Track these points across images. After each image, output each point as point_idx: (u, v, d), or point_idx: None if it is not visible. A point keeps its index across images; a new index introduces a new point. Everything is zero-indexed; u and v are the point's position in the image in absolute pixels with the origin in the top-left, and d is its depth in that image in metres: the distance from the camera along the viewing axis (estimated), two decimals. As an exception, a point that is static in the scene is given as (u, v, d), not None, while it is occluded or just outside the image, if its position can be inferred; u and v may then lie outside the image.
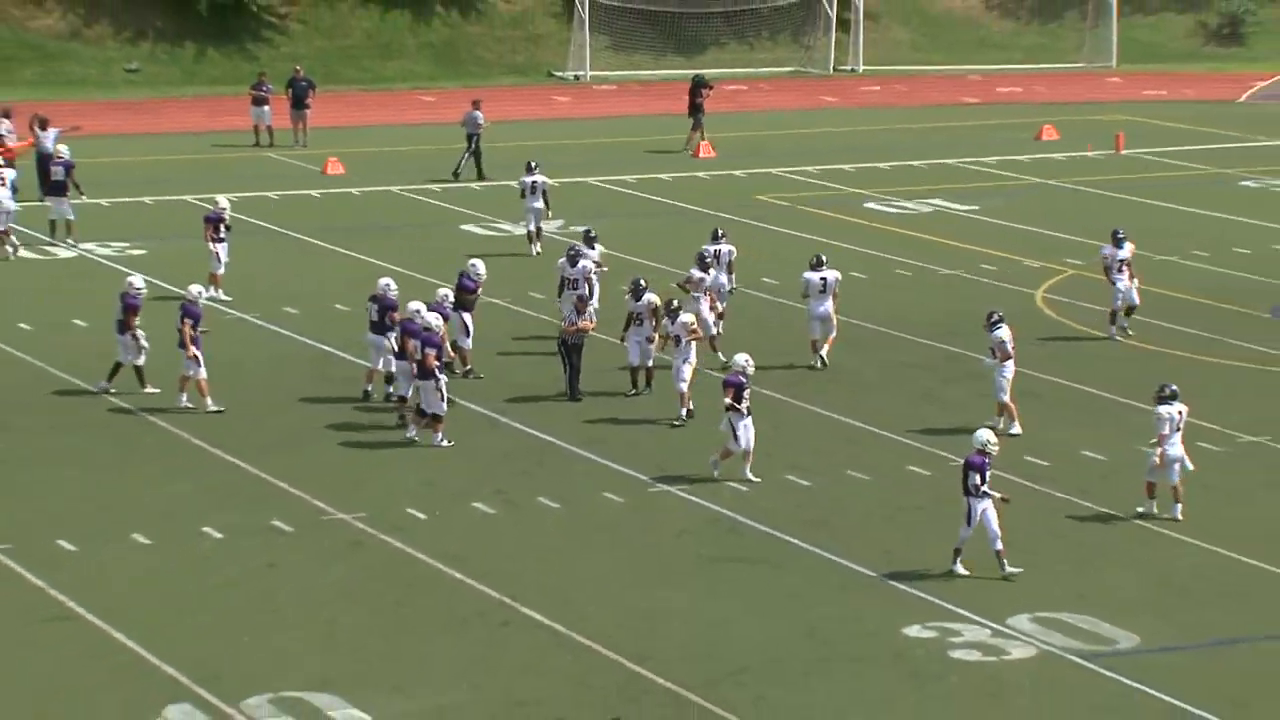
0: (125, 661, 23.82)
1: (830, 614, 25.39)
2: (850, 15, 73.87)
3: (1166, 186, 52.67)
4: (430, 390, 31.29)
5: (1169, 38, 78.24)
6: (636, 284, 34.04)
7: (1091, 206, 50.18)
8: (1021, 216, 48.54)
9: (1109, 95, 69.29)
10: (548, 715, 22.53)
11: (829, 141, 58.74)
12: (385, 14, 71.82)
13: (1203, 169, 55.66)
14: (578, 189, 51.04)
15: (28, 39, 67.71)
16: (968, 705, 22.90)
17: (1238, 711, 22.68)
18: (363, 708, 22.58)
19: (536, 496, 29.43)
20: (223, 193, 46.04)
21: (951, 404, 33.59)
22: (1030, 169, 55.20)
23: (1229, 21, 78.76)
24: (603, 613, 25.28)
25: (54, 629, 24.77)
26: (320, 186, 51.66)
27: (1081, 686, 23.46)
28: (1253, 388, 34.96)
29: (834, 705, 22.68)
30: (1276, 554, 27.20)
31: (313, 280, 41.80)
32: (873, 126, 61.73)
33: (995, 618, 25.19)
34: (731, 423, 29.56)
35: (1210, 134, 61.22)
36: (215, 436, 31.72)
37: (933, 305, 40.13)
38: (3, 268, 42.97)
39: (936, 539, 27.92)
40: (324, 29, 70.41)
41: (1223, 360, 36.62)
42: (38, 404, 33.48)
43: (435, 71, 70.25)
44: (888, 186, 52.50)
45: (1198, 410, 32.96)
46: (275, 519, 28.36)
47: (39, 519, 28.16)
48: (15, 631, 24.65)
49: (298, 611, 25.38)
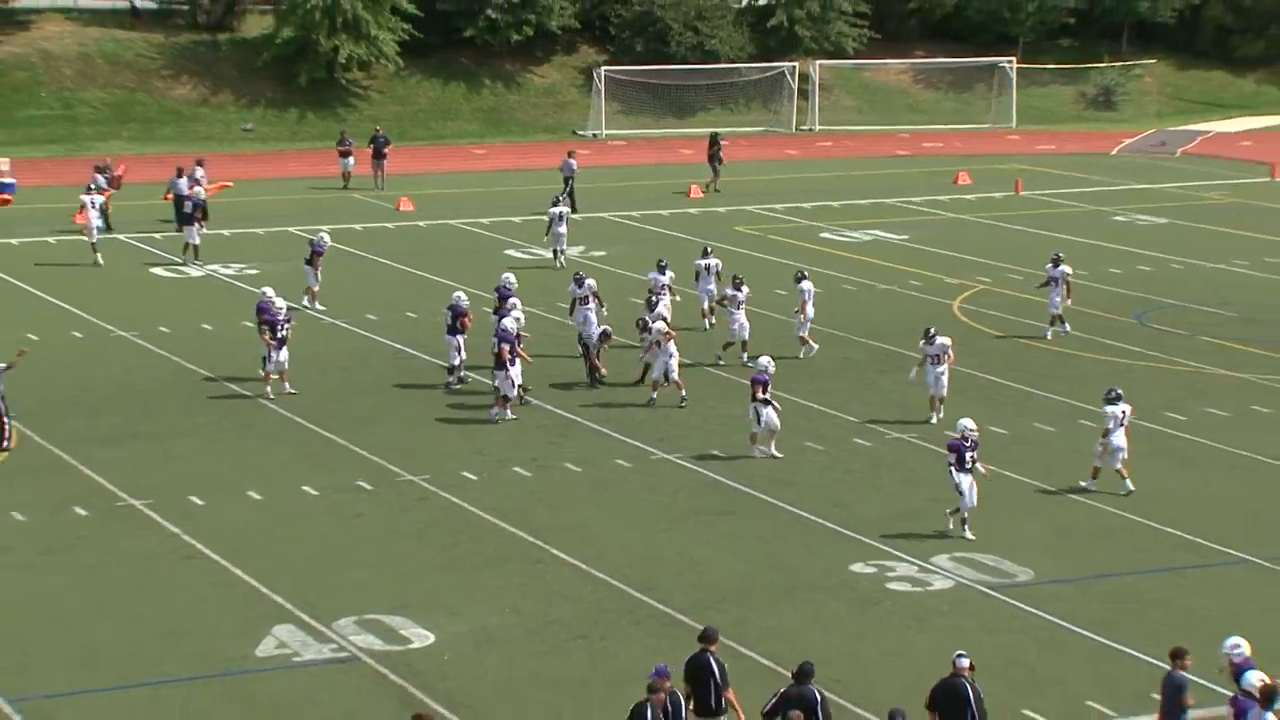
0: (242, 591, 23.85)
1: (792, 554, 25.40)
2: (808, 87, 73.86)
3: (1055, 220, 52.63)
4: (503, 378, 31.30)
5: (1057, 104, 78.13)
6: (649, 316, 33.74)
7: (996, 236, 50.16)
8: (942, 243, 48.50)
9: (1010, 149, 69.24)
10: (572, 633, 22.55)
11: (791, 185, 58.68)
12: (445, 85, 71.82)
13: (1082, 206, 55.62)
14: (595, 222, 51.00)
15: (167, 105, 67.70)
16: (900, 626, 22.92)
17: (1106, 629, 22.77)
18: (427, 627, 22.61)
19: (563, 462, 29.42)
20: (318, 225, 46.23)
21: (887, 391, 33.55)
22: (948, 206, 55.17)
23: (1103, 92, 78.65)
24: (614, 552, 25.30)
25: (186, 565, 24.81)
26: (394, 220, 51.65)
27: (988, 611, 23.48)
28: (1123, 378, 34.85)
29: (796, 625, 22.71)
30: (1141, 508, 27.20)
31: (388, 293, 41.76)
32: (826, 173, 61.68)
33: (921, 557, 25.21)
34: (757, 410, 29.36)
35: (1089, 179, 61.18)
36: (312, 415, 31.71)
37: (872, 313, 40.08)
38: (147, 283, 42.94)
39: (875, 495, 27.97)
40: (397, 97, 70.37)
41: (1099, 356, 36.58)
42: (175, 390, 33.48)
43: (484, 130, 70.20)
44: (837, 220, 52.46)
45: (1081, 396, 33.02)
46: (359, 479, 28.36)
47: (175, 480, 28.18)
48: (156, 567, 24.73)
49: (376, 551, 25.40)
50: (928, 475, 28.66)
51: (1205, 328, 39.05)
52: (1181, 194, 58.36)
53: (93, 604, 23.38)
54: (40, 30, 69.01)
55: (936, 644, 22.10)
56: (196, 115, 67.54)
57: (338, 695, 20.74)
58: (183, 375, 34.50)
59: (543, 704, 20.32)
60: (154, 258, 45.70)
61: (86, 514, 26.68)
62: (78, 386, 33.47)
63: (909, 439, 30.68)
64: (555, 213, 44.65)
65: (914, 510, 27.13)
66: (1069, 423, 31.69)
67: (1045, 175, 61.62)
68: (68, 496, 27.35)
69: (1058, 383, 34.32)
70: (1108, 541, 26.03)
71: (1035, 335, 37.93)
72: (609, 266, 43.80)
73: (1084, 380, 34.33)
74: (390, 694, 20.81)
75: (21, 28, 68.59)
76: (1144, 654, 21.89)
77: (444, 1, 69.86)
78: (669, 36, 72.03)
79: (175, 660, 21.65)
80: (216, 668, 21.43)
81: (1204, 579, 24.74)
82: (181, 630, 22.53)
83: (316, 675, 21.28)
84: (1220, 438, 30.64)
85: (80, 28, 69.76)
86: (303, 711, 20.26)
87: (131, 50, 69.19)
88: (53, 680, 21.06)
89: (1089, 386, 33.78)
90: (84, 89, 67.37)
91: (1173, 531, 26.42)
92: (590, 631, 22.60)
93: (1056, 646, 22.28)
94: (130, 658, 21.73)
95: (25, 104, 65.84)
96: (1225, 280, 44.41)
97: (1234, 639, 18.63)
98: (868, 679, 21.13)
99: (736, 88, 73.50)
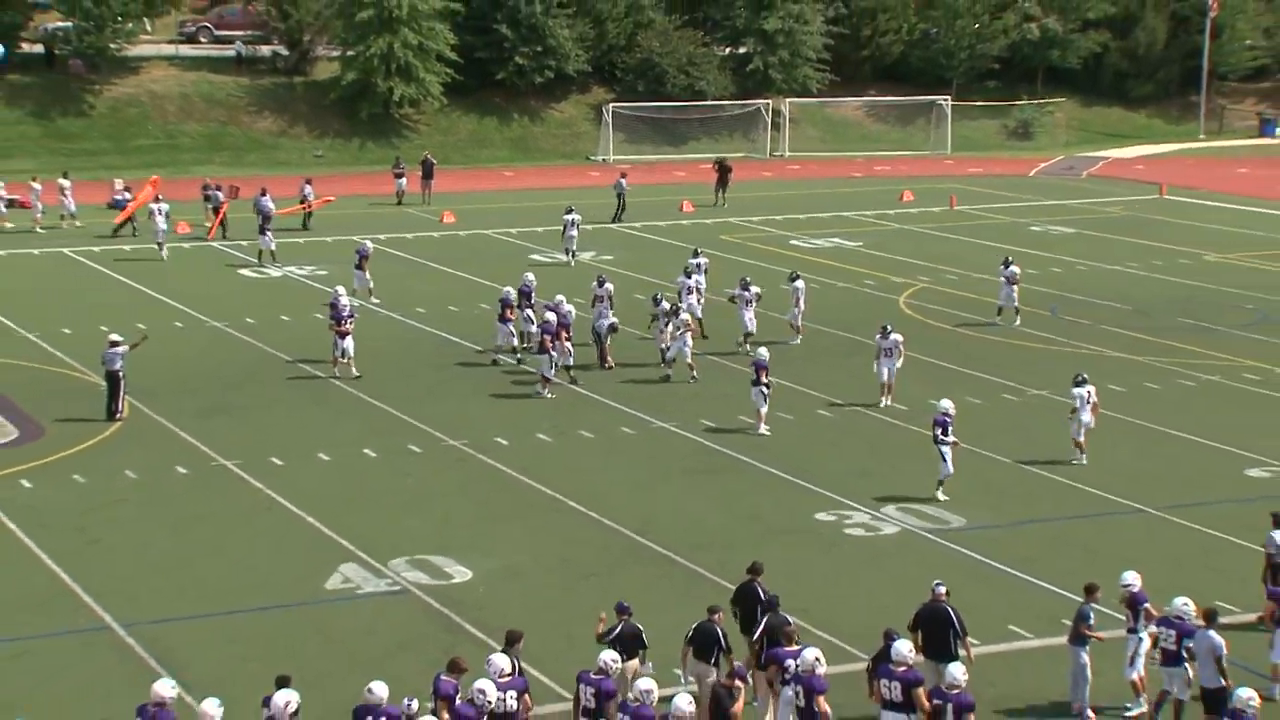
0: (313, 536, 23.82)
1: (766, 505, 25.35)
2: (780, 120, 73.68)
3: (982, 230, 52.48)
4: (544, 362, 31.23)
5: (985, 135, 77.86)
6: (673, 306, 33.41)
7: (934, 243, 50.01)
8: (890, 249, 48.37)
9: (945, 171, 69.03)
10: (583, 570, 22.52)
11: (767, 201, 58.43)
12: (481, 119, 71.61)
13: (1005, 219, 55.45)
14: (602, 231, 50.78)
15: (252, 136, 67.54)
16: (856, 565, 22.88)
17: (1026, 565, 22.73)
18: (465, 565, 22.58)
19: (578, 429, 29.34)
20: (378, 235, 46.14)
21: (848, 371, 33.39)
22: (895, 219, 55.00)
23: (1022, 125, 78.38)
24: (619, 504, 25.24)
25: (267, 515, 24.78)
26: (439, 230, 51.49)
27: (928, 551, 23.43)
28: (1038, 361, 34.87)
29: (769, 563, 22.54)
30: (1054, 467, 27.11)
31: (434, 290, 41.62)
32: (795, 192, 61.49)
33: (872, 507, 25.15)
34: (763, 393, 28.88)
35: (1011, 196, 61.00)
36: (371, 391, 31.63)
37: (833, 306, 39.87)
38: (236, 282, 42.80)
39: (835, 457, 27.89)
40: (441, 129, 70.15)
41: (1020, 342, 36.48)
42: (258, 371, 33.41)
43: (513, 156, 70.01)
44: (804, 229, 52.30)
45: (1004, 375, 32.94)
46: (410, 444, 28.30)
47: (259, 444, 28.12)
48: (243, 517, 24.70)
49: (424, 503, 25.37)
50: (879, 442, 28.62)
51: (1106, 319, 38.93)
52: (1086, 209, 58.18)
53: (191, 546, 23.36)
54: (149, 75, 68.95)
55: (886, 579, 22.11)
56: (276, 144, 67.44)
57: (392, 621, 20.72)
58: (265, 359, 34.41)
59: (559, 627, 20.30)
60: (241, 261, 45.57)
61: (186, 472, 26.63)
62: (179, 367, 33.40)
63: (864, 412, 30.61)
64: (567, 220, 44.74)
65: (867, 469, 27.09)
66: (995, 397, 31.63)
67: (975, 193, 61.44)
68: (171, 458, 27.31)
69: (984, 363, 34.23)
70: (1026, 495, 25.98)
71: (967, 324, 37.81)
72: (615, 268, 43.63)
73: (1007, 362, 34.28)
74: (435, 620, 20.80)
75: (134, 73, 68.58)
76: (1055, 587, 21.87)
77: (480, 50, 69.75)
78: (665, 78, 71.97)
79: (259, 593, 21.63)
80: (293, 599, 21.41)
81: (1106, 525, 24.69)
82: (264, 568, 22.52)
83: (375, 605, 21.27)
84: (1118, 409, 30.55)
85: (181, 72, 69.69)
86: (364, 635, 20.24)
87: (223, 90, 69.08)
88: (158, 609, 21.07)
89: (1011, 367, 33.77)
90: (184, 123, 67.26)
91: (1081, 486, 26.36)
92: (599, 569, 22.56)
93: (983, 580, 22.24)
94: (222, 590, 21.71)
95: (136, 135, 65.82)
96: (1122, 279, 44.29)
97: (1129, 574, 18.59)
98: (830, 608, 21.08)
99: (721, 120, 73.34)
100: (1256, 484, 26.55)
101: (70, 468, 26.69)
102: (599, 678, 16.10)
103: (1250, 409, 31.16)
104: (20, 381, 32.04)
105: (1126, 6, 79.95)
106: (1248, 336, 37.24)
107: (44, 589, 21.72)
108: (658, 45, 72.56)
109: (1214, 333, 37.50)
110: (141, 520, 24.43)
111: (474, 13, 69.14)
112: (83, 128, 65.25)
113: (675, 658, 17.78)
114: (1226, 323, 38.61)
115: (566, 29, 70.08)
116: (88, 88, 66.82)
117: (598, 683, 16.06)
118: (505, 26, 69.22)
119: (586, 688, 16.09)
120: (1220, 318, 39.14)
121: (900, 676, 16.16)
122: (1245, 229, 53.35)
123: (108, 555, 22.98)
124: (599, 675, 16.13)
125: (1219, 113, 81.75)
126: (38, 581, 21.96)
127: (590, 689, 16.07)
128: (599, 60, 73.35)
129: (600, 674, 16.14)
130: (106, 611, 20.91)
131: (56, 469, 26.65)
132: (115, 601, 21.20)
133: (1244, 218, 55.88)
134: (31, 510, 24.64)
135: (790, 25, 73.44)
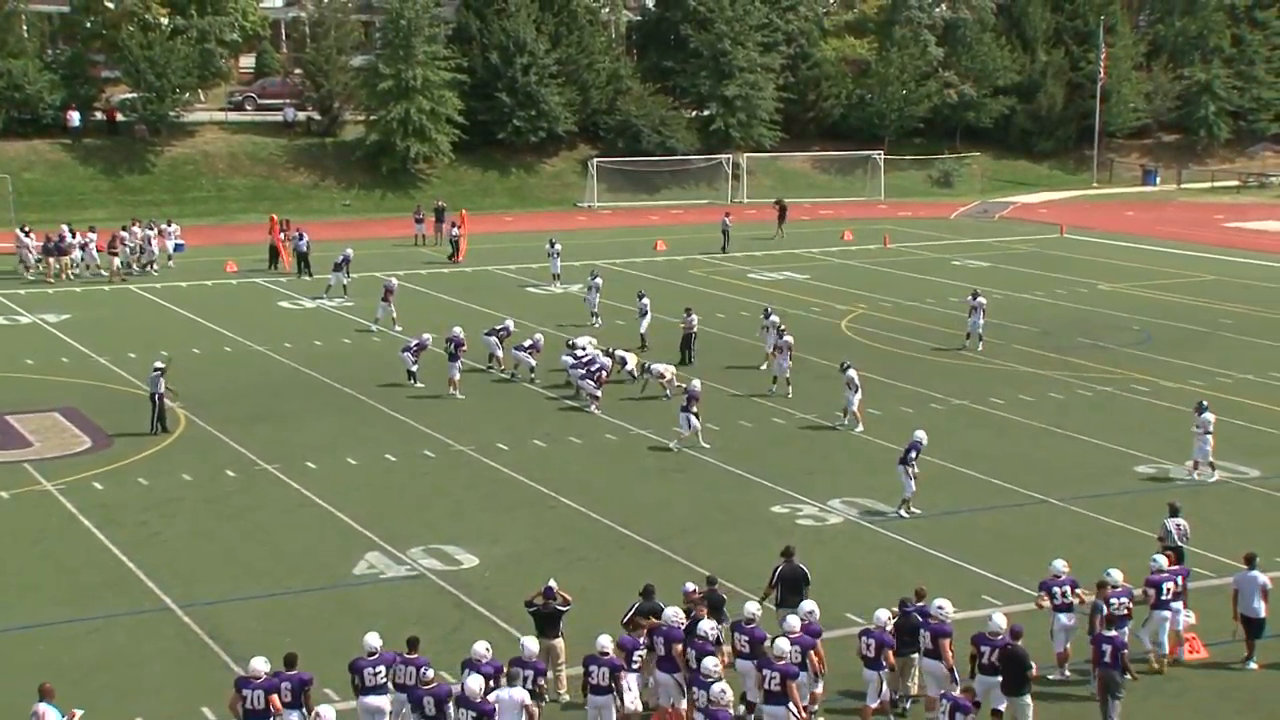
0: (343, 527, 23.72)
1: (731, 499, 25.32)
2: (739, 171, 73.82)
3: (911, 264, 52.59)
4: (590, 386, 31.06)
5: (913, 183, 78.05)
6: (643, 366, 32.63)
7: (870, 275, 50.08)
8: (833, 280, 48.43)
9: (880, 215, 69.15)
10: (575, 555, 22.45)
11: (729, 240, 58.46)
12: (484, 172, 71.58)
13: (931, 255, 55.57)
14: (588, 267, 50.70)
15: (289, 188, 67.40)
16: (806, 548, 22.74)
17: (949, 549, 22.69)
18: (472, 552, 22.50)
19: (569, 436, 29.29)
20: (398, 272, 45.99)
21: (801, 387, 33.36)
22: (837, 255, 55.06)
23: (944, 174, 78.66)
24: (604, 498, 25.19)
25: (301, 511, 24.66)
26: (450, 267, 51.41)
27: (868, 538, 23.43)
28: (955, 375, 34.92)
29: (734, 548, 22.62)
30: (971, 464, 27.14)
31: (446, 318, 41.33)
32: (751, 233, 61.47)
33: (821, 501, 25.13)
34: (689, 420, 28.05)
35: (935, 235, 61.15)
36: (388, 402, 31.55)
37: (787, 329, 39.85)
38: (275, 312, 42.61)
39: (794, 457, 27.87)
40: (450, 180, 70.09)
41: (944, 360, 36.52)
42: (295, 387, 33.29)
43: (512, 203, 69.95)
44: (759, 264, 52.33)
45: (930, 387, 32.92)
46: (425, 449, 28.21)
47: (296, 449, 28.01)
48: (280, 513, 24.57)
49: (437, 499, 25.27)
50: (823, 444, 28.61)
51: (1015, 338, 39.01)
52: (999, 245, 58.33)
53: (239, 536, 23.24)
54: (202, 137, 68.87)
55: (832, 560, 22.06)
56: (310, 195, 67.32)
57: (411, 601, 20.63)
58: (300, 377, 34.27)
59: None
60: (281, 295, 45.42)
61: (234, 474, 26.50)
62: (227, 384, 33.26)
63: (811, 419, 30.61)
64: (549, 249, 45.98)
65: (815, 467, 27.07)
66: (924, 406, 31.65)
67: (905, 233, 61.58)
68: (221, 462, 27.19)
69: (913, 376, 34.26)
70: (950, 489, 25.98)
71: (900, 345, 37.83)
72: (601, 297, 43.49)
73: (933, 375, 34.30)
74: (447, 600, 20.72)
75: (190, 135, 68.49)
76: (973, 566, 21.87)
77: (483, 114, 69.90)
78: (641, 136, 72.15)
79: (297, 576, 21.52)
80: (326, 582, 21.31)
81: (1016, 514, 24.71)
82: (301, 555, 22.41)
83: (396, 587, 21.18)
84: (1025, 415, 30.62)
85: (229, 134, 69.61)
86: (387, 613, 20.11)
87: (265, 150, 68.96)
88: (211, 591, 20.96)
89: (936, 379, 33.76)
90: (231, 177, 67.11)
91: (994, 480, 26.40)
92: (589, 554, 22.51)
93: (916, 562, 22.23)
94: (266, 575, 21.61)
95: (190, 188, 65.76)
96: (1028, 305, 44.39)
97: (1058, 562, 18.60)
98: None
99: (689, 172, 73.49)
100: (1144, 479, 26.67)
101: (135, 471, 26.56)
102: (751, 626, 16.99)
103: (1138, 415, 31.28)
104: (92, 399, 31.87)
105: (1030, 75, 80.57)
106: (1135, 353, 37.38)
107: (113, 575, 21.62)
108: (635, 109, 72.79)
109: (1107, 350, 37.62)
110: (196, 516, 24.31)
111: (478, 82, 69.48)
112: (146, 182, 65.22)
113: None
114: (1118, 341, 38.75)
115: (557, 95, 70.41)
116: (150, 148, 66.78)
117: (750, 630, 16.92)
118: (505, 94, 69.52)
119: (739, 635, 16.95)
120: (1113, 337, 39.28)
121: (877, 636, 16.96)
122: (1132, 263, 53.61)
123: (167, 546, 22.86)
124: (750, 624, 17.03)
125: (1109, 165, 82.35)
126: (108, 569, 21.85)
127: (744, 637, 16.88)
128: (585, 121, 73.54)
129: (750, 622, 17.03)
130: (166, 594, 20.81)
131: (123, 473, 26.52)
132: (174, 585, 21.11)
133: (1131, 253, 56.17)
134: (102, 508, 24.54)
135: (747, 91, 73.89)
